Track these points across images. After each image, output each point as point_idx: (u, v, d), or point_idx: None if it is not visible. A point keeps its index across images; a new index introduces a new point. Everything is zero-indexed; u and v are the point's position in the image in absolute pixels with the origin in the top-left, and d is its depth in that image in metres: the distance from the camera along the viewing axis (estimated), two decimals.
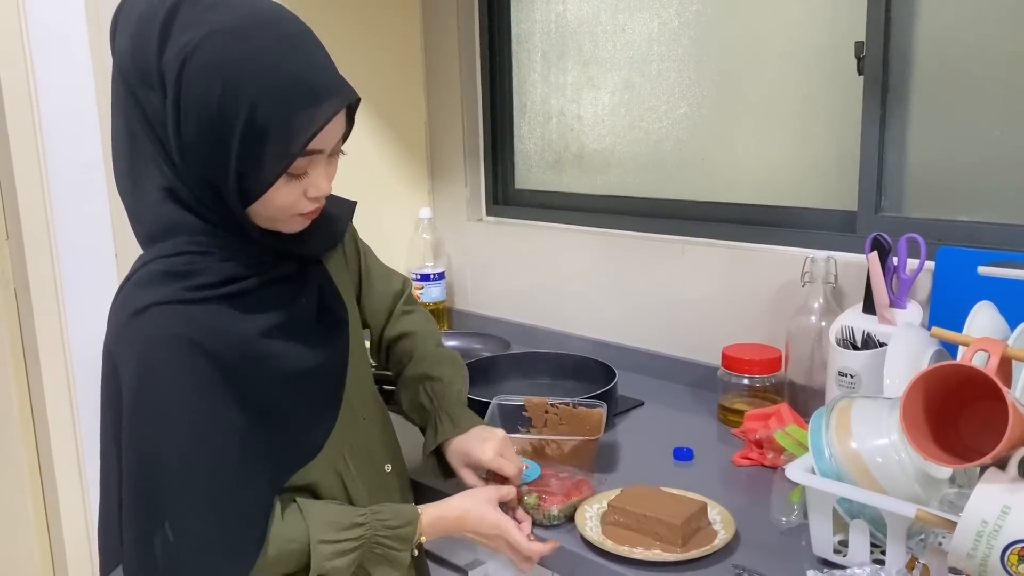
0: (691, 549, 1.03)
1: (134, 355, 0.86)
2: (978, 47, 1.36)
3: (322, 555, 0.94)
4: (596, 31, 1.86)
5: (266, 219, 0.91)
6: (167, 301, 0.86)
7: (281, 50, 0.84)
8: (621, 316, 1.80)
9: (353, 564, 0.98)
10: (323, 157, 0.90)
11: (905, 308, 1.32)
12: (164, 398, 0.86)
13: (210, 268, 0.89)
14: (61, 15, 1.80)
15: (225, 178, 0.85)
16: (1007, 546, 0.74)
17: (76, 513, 1.92)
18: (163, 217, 0.89)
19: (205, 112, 0.82)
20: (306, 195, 0.90)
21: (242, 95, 0.81)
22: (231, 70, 0.81)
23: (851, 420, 0.98)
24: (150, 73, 0.84)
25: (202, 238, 0.89)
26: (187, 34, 0.82)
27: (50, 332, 1.84)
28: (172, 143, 0.85)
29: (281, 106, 0.83)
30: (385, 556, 1.00)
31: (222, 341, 0.88)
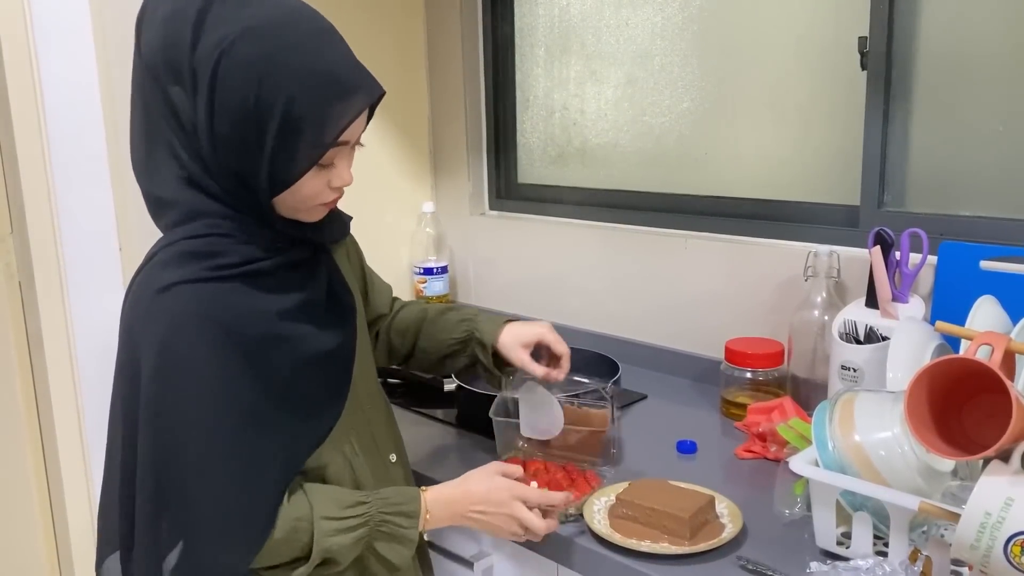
0: (699, 542, 1.04)
1: (158, 332, 0.87)
2: (981, 42, 1.36)
3: (324, 531, 0.94)
4: (599, 26, 1.86)
5: (289, 208, 0.94)
6: (191, 279, 0.88)
7: (313, 45, 0.88)
8: (624, 310, 1.81)
9: (358, 543, 0.97)
10: (347, 149, 0.94)
11: (907, 302, 1.33)
12: (186, 375, 0.87)
13: (230, 250, 0.91)
14: (65, 7, 1.80)
15: (256, 169, 0.88)
16: (1010, 537, 0.75)
17: (81, 505, 1.92)
18: (184, 203, 0.91)
19: (242, 105, 0.85)
20: (330, 185, 0.94)
21: (279, 89, 0.85)
22: (268, 65, 0.85)
23: (854, 413, 0.99)
24: (180, 68, 0.86)
25: (222, 222, 0.91)
26: (221, 30, 0.85)
27: (54, 324, 1.84)
28: (203, 134, 0.88)
29: (316, 99, 0.86)
30: (392, 534, 0.99)
31: (244, 319, 0.90)
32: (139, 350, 0.88)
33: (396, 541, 1.00)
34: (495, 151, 2.09)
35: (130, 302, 0.92)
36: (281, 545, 0.94)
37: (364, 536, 0.98)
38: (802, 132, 1.59)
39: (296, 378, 0.95)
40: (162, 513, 0.88)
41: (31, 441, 1.91)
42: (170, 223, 0.94)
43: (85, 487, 1.92)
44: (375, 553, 0.99)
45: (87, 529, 1.93)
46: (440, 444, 1.43)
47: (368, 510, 0.98)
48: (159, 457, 0.88)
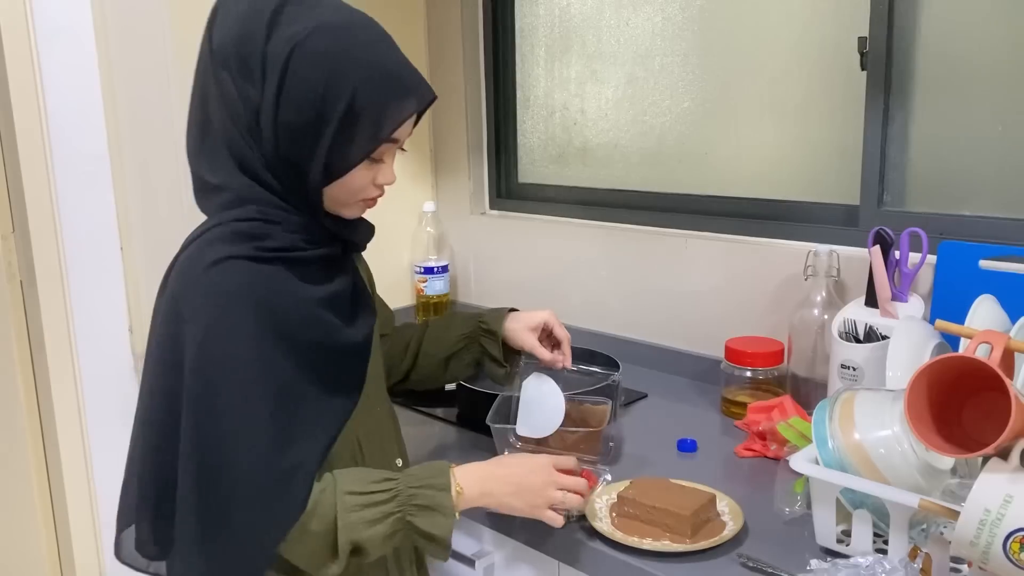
0: (700, 540, 1.05)
1: (207, 305, 0.91)
2: (980, 43, 1.37)
3: (348, 506, 0.94)
4: (600, 25, 1.87)
5: (335, 201, 0.99)
6: (241, 256, 0.92)
7: (379, 47, 0.95)
8: (624, 309, 1.81)
9: (387, 520, 0.96)
10: (396, 147, 1.00)
11: (907, 301, 1.34)
12: (231, 348, 0.91)
13: (276, 234, 0.96)
14: (67, 7, 1.81)
15: (313, 157, 0.93)
16: (1009, 534, 0.76)
17: (82, 504, 1.93)
18: (236, 188, 0.96)
19: (310, 95, 0.91)
20: (375, 182, 1.00)
21: (346, 81, 0.91)
22: (337, 59, 0.91)
23: (854, 412, 0.99)
24: (251, 60, 0.92)
25: (269, 210, 0.96)
26: (294, 26, 0.91)
27: (56, 324, 1.85)
28: (266, 124, 0.93)
29: (378, 94, 0.93)
30: (428, 504, 0.98)
31: (287, 301, 0.95)
32: (184, 323, 0.91)
33: (433, 511, 0.98)
34: (496, 151, 2.09)
35: (176, 277, 0.95)
36: (309, 521, 0.93)
37: (395, 512, 0.96)
38: (802, 132, 1.60)
39: (325, 365, 0.98)
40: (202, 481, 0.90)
41: (32, 440, 1.92)
42: (219, 206, 0.98)
43: (86, 486, 1.92)
44: (413, 528, 0.97)
45: (88, 527, 1.93)
46: (440, 443, 1.44)
47: (396, 485, 0.98)
48: (201, 427, 0.90)
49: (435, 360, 1.28)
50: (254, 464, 0.91)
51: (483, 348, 1.26)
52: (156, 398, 0.95)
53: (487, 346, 1.26)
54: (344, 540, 0.94)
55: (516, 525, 1.17)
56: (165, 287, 0.97)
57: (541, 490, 1.05)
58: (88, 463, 1.92)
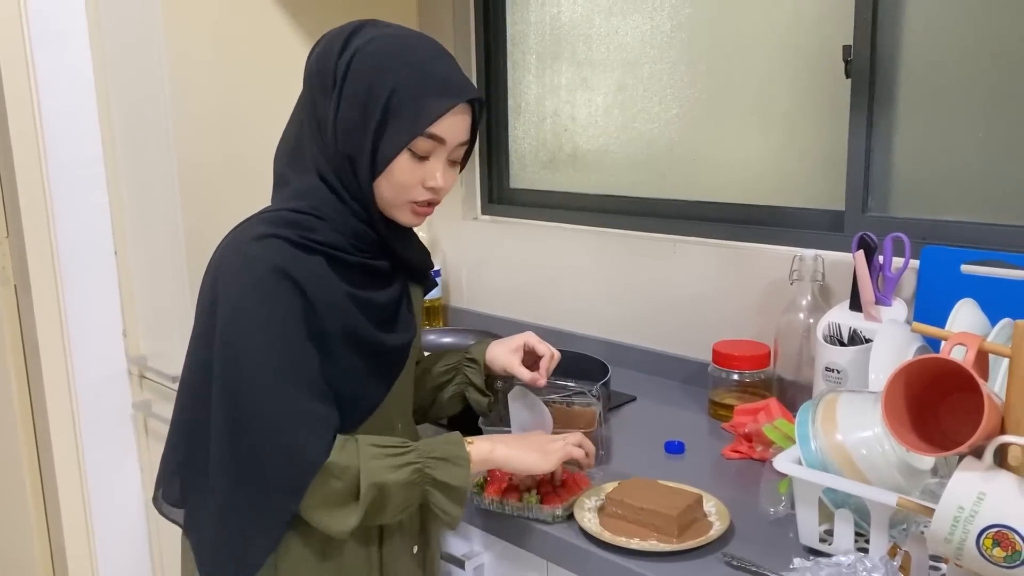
0: (687, 540, 1.06)
1: (243, 273, 0.99)
2: (962, 51, 1.39)
3: (370, 453, 0.99)
4: (590, 33, 1.89)
5: (384, 200, 1.05)
6: (283, 237, 1.00)
7: (426, 52, 1.03)
8: (614, 313, 1.83)
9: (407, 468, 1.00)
10: (444, 151, 1.04)
11: (890, 305, 1.36)
12: (260, 312, 0.98)
13: (323, 230, 1.03)
14: (62, 11, 1.82)
15: (363, 150, 1.01)
16: (982, 531, 0.78)
17: (76, 508, 1.93)
18: (299, 183, 1.05)
19: (360, 92, 1.00)
20: (424, 184, 1.05)
21: (389, 78, 1.00)
22: (385, 59, 1.01)
23: (837, 413, 1.01)
24: (328, 73, 1.03)
25: (324, 207, 1.03)
26: (361, 39, 1.03)
27: (50, 328, 1.85)
28: (330, 125, 1.02)
29: (416, 90, 1.00)
30: (444, 456, 1.03)
31: (318, 286, 1.01)
32: (220, 290, 1.00)
33: (448, 462, 1.03)
34: (487, 156, 2.11)
35: (220, 250, 1.04)
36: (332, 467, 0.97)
37: (414, 462, 1.01)
38: (788, 138, 1.62)
39: (342, 355, 1.03)
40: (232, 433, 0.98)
41: (27, 443, 1.92)
42: (281, 198, 1.07)
43: (80, 488, 1.93)
44: (431, 480, 1.02)
45: (81, 529, 1.94)
46: None
47: (414, 444, 1.04)
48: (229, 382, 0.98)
49: (424, 391, 1.30)
50: (278, 411, 0.97)
51: (466, 377, 1.28)
52: (193, 362, 1.05)
53: (470, 375, 1.28)
54: (366, 483, 0.98)
55: (506, 525, 1.19)
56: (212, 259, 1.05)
57: (550, 444, 1.12)
58: (81, 466, 1.92)
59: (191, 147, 1.71)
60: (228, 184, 1.75)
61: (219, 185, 1.74)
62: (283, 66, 1.78)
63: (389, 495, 1.00)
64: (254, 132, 1.76)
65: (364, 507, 0.99)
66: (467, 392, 1.28)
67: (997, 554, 0.77)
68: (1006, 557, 0.77)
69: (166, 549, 2.02)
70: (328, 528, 1.00)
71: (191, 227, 1.72)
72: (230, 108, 1.74)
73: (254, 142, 1.76)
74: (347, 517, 0.99)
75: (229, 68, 1.73)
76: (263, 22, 1.77)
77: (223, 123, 1.74)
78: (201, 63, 1.70)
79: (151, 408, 1.95)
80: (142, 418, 1.99)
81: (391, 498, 1.00)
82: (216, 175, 1.74)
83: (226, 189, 1.75)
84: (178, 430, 1.08)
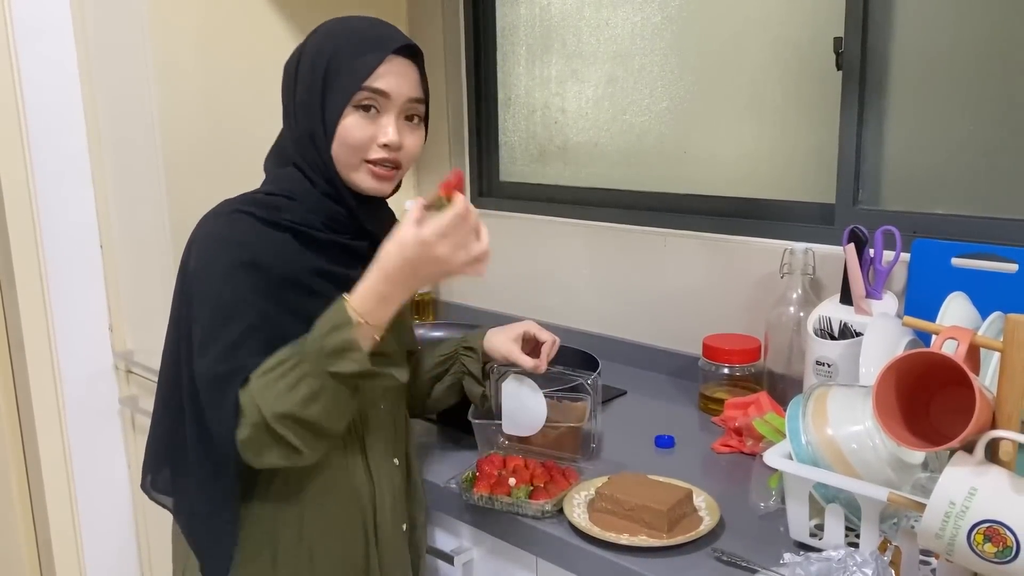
0: (677, 535, 1.06)
1: (205, 245, 1.02)
2: (952, 44, 1.39)
3: (259, 387, 0.96)
4: (580, 25, 1.88)
5: (343, 164, 1.06)
6: (248, 212, 1.03)
7: (363, 23, 1.09)
8: (604, 307, 1.82)
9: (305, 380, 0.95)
10: (392, 105, 1.05)
11: (881, 299, 1.35)
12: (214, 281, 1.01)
13: (293, 209, 1.06)
14: (46, 5, 1.80)
15: (315, 121, 1.05)
16: (973, 526, 0.77)
17: (62, 503, 1.92)
18: (279, 173, 1.10)
19: (306, 72, 1.06)
20: (377, 141, 1.05)
21: (326, 50, 1.05)
22: (324, 39, 1.06)
23: (827, 408, 1.01)
24: (290, 74, 1.09)
25: (295, 187, 1.07)
26: (310, 37, 1.09)
27: (36, 323, 1.84)
28: (291, 114, 1.08)
29: (350, 52, 1.04)
30: (337, 347, 0.95)
31: (278, 260, 1.02)
32: (188, 262, 1.04)
33: (344, 351, 0.96)
34: (477, 149, 2.10)
35: (198, 223, 1.06)
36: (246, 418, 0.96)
37: (310, 371, 0.95)
38: (779, 131, 1.62)
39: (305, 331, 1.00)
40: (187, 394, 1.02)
41: (12, 439, 1.91)
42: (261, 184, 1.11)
43: (66, 484, 1.92)
44: (338, 377, 0.96)
45: (68, 527, 1.93)
46: (422, 440, 1.44)
47: (300, 347, 0.97)
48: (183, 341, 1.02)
49: (421, 382, 1.29)
50: (208, 372, 0.98)
51: (463, 366, 1.27)
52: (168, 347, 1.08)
53: (467, 363, 1.27)
54: (271, 416, 0.95)
55: (495, 521, 1.18)
56: None
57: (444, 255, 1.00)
58: (68, 461, 1.91)
59: (177, 141, 1.69)
60: (214, 178, 1.73)
61: (205, 179, 1.73)
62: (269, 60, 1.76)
63: (304, 415, 0.96)
64: (240, 126, 1.75)
65: (291, 436, 0.96)
66: (464, 381, 1.27)
67: (988, 549, 0.77)
68: (997, 552, 0.77)
69: (154, 544, 2.01)
70: (290, 465, 1.00)
71: (177, 221, 1.70)
72: (216, 101, 1.73)
73: (240, 135, 1.75)
74: (290, 454, 0.98)
75: (215, 62, 1.72)
76: (248, 15, 1.75)
77: (209, 117, 1.72)
78: (186, 57, 1.69)
79: (138, 403, 1.93)
80: (129, 413, 1.98)
81: (309, 415, 0.96)
82: (202, 169, 1.72)
83: (212, 183, 1.73)
84: (161, 415, 1.10)
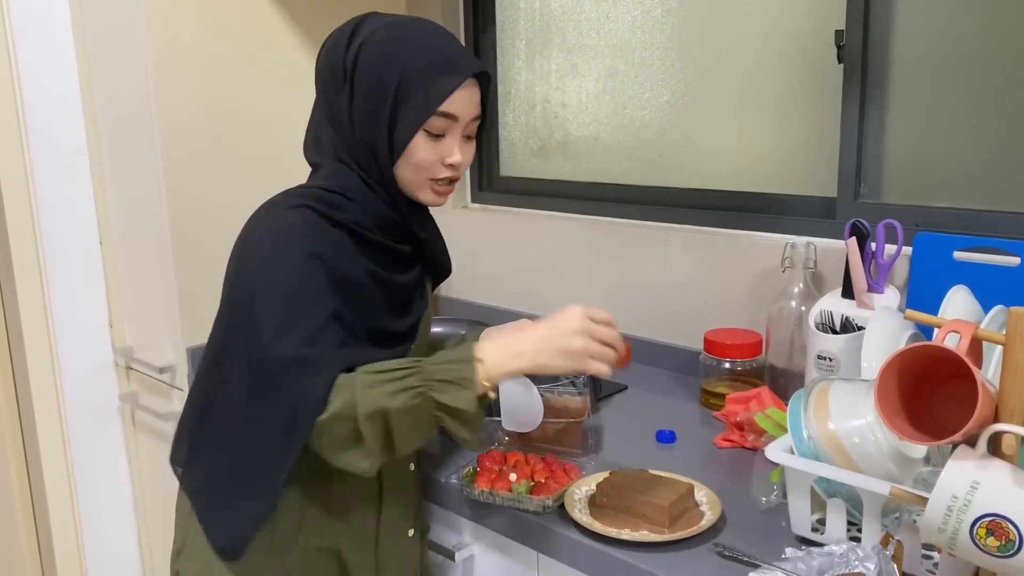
0: (678, 530, 1.06)
1: (267, 236, 1.02)
2: (954, 36, 1.38)
3: (364, 382, 0.96)
4: (580, 19, 1.87)
5: (408, 182, 1.09)
6: (311, 207, 1.04)
7: (429, 34, 1.07)
8: (605, 301, 1.82)
9: (407, 392, 0.97)
10: (458, 127, 1.08)
11: (883, 293, 1.35)
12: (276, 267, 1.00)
13: (351, 209, 1.07)
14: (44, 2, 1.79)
15: (380, 136, 1.05)
16: (976, 520, 0.77)
17: (63, 500, 1.92)
18: (333, 168, 1.09)
19: (370, 83, 1.05)
20: (443, 161, 1.08)
21: (397, 64, 1.04)
22: (391, 48, 1.05)
23: (829, 402, 1.01)
24: (338, 70, 1.07)
25: (353, 187, 1.07)
26: (365, 32, 1.07)
27: (35, 319, 1.84)
28: (346, 117, 1.07)
29: (423, 73, 1.04)
30: (449, 379, 0.98)
31: (337, 257, 1.04)
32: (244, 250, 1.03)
33: (454, 385, 0.98)
34: (477, 144, 2.08)
35: (251, 217, 1.06)
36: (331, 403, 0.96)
37: (415, 386, 0.97)
38: (780, 125, 1.61)
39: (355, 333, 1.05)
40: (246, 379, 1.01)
41: (12, 437, 1.91)
42: (313, 176, 1.12)
43: (67, 481, 1.92)
44: (435, 403, 0.98)
45: (69, 522, 1.93)
46: None
47: (417, 364, 0.99)
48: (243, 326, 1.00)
49: None
50: (283, 357, 0.97)
51: None
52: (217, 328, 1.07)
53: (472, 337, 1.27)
54: (363, 413, 0.95)
55: (496, 516, 1.18)
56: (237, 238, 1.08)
57: (574, 339, 1.03)
58: (68, 458, 1.91)
59: (176, 136, 1.69)
60: (214, 173, 1.73)
61: (204, 174, 1.72)
62: (269, 54, 1.76)
63: (392, 422, 0.96)
64: (240, 120, 1.74)
65: (371, 438, 0.96)
66: None
67: (991, 543, 0.76)
68: (1000, 546, 0.76)
69: (155, 541, 2.01)
70: (350, 467, 0.98)
71: (177, 217, 1.70)
72: (215, 97, 1.72)
73: (240, 130, 1.75)
74: (362, 456, 0.97)
75: (214, 56, 1.71)
76: (248, 9, 1.74)
77: (208, 111, 1.72)
78: (186, 51, 1.68)
79: (138, 400, 1.93)
80: (129, 410, 1.97)
81: (396, 425, 0.97)
82: (201, 164, 1.72)
83: (212, 178, 1.73)
84: (195, 392, 1.12)
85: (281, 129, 1.78)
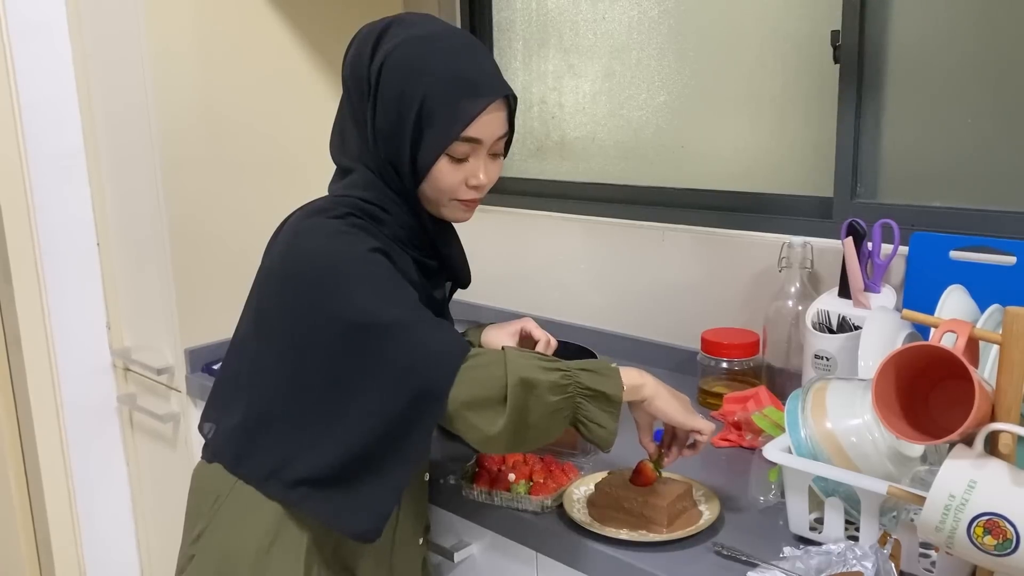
0: (676, 530, 1.06)
1: (329, 235, 1.00)
2: (950, 36, 1.39)
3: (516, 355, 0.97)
4: (577, 20, 1.87)
5: (432, 201, 1.08)
6: (357, 215, 1.03)
7: (454, 53, 1.03)
8: (603, 302, 1.82)
9: (556, 372, 0.97)
10: (483, 149, 1.05)
11: (879, 292, 1.35)
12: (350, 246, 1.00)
13: (387, 222, 1.06)
14: (41, 3, 1.79)
15: (402, 157, 1.03)
16: (973, 519, 0.77)
17: (61, 502, 1.92)
18: (366, 178, 1.07)
19: (392, 101, 1.02)
20: (467, 183, 1.06)
21: (420, 85, 1.00)
22: (414, 66, 1.01)
23: (826, 401, 1.01)
24: (362, 79, 1.04)
25: (388, 203, 1.06)
26: (390, 43, 1.03)
27: (33, 321, 1.84)
28: (369, 131, 1.05)
29: (446, 95, 1.01)
30: (594, 369, 1.00)
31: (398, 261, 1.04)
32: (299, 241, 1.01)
33: (599, 374, 1.00)
34: None
35: (296, 222, 1.04)
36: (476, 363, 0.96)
37: (563, 368, 0.98)
38: (777, 125, 1.61)
39: None
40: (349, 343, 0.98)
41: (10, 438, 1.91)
42: (345, 184, 1.09)
43: (65, 483, 1.91)
44: (582, 387, 0.98)
45: (67, 523, 1.93)
46: None
47: (566, 367, 0.99)
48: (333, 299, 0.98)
49: None
50: (407, 313, 0.97)
51: None
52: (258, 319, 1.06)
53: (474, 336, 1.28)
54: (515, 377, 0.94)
55: (495, 516, 1.18)
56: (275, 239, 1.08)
57: (689, 405, 1.09)
58: (66, 460, 1.91)
59: (174, 137, 1.69)
60: (212, 175, 1.73)
61: (202, 176, 1.72)
62: (266, 56, 1.76)
63: (538, 396, 0.95)
64: (238, 122, 1.74)
65: (514, 406, 0.94)
66: None
67: (988, 542, 0.77)
68: (997, 545, 0.77)
69: (153, 544, 2.01)
70: (476, 429, 0.96)
71: (175, 218, 1.70)
72: (213, 98, 1.72)
73: (238, 132, 1.75)
74: (495, 417, 0.95)
75: (212, 58, 1.71)
76: (245, 12, 1.74)
77: (206, 113, 1.72)
78: (183, 53, 1.68)
79: (136, 401, 1.93)
80: (127, 411, 1.97)
81: (539, 400, 0.96)
82: (199, 165, 1.72)
83: (210, 180, 1.73)
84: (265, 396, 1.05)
85: (279, 130, 1.78)
